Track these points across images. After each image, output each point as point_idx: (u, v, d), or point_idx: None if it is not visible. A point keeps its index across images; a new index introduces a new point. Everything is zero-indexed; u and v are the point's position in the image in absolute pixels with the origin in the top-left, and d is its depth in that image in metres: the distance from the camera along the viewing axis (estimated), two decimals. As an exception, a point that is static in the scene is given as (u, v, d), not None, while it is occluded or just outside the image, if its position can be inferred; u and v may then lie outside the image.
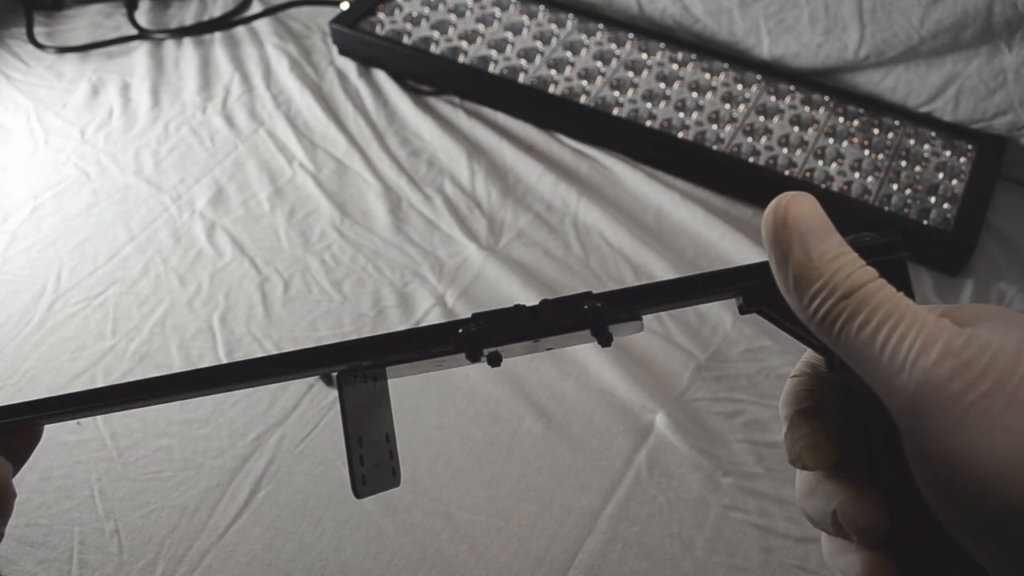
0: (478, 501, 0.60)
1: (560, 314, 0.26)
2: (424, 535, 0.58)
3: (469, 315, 0.26)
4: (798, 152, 0.81)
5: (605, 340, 0.26)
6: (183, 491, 0.61)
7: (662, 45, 0.91)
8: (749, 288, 0.26)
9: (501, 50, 0.91)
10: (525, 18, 0.94)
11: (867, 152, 0.81)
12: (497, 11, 0.95)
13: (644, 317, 0.27)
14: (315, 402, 0.65)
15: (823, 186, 0.79)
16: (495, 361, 0.27)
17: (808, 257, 0.23)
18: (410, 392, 0.66)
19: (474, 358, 0.26)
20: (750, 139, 0.82)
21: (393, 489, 0.30)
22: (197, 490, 0.61)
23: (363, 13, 0.95)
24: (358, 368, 0.28)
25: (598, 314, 0.26)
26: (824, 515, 0.25)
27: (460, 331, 0.26)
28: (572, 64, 0.89)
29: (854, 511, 0.24)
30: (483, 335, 0.26)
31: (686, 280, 0.26)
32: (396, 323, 0.72)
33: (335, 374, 0.29)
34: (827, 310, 0.22)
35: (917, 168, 0.80)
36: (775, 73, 0.88)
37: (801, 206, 0.23)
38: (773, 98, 0.86)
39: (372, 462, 0.30)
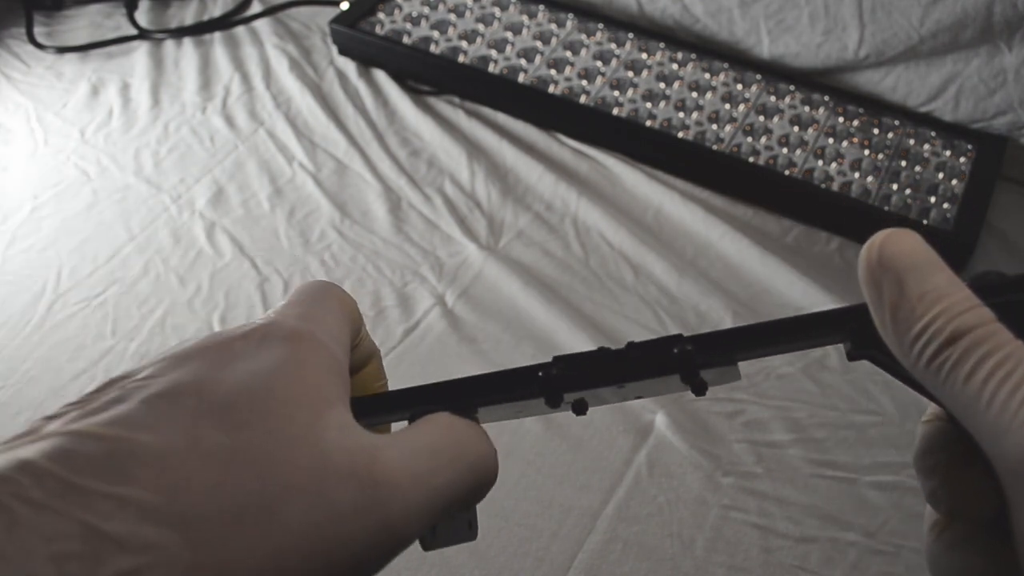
0: (478, 501, 0.60)
1: (647, 358, 0.24)
2: (424, 535, 0.58)
3: (550, 358, 0.25)
4: (798, 152, 0.81)
5: (698, 387, 0.24)
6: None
7: (662, 45, 0.91)
8: (858, 331, 0.23)
9: (501, 50, 0.91)
10: (525, 18, 0.94)
11: (867, 152, 0.81)
12: (497, 11, 0.95)
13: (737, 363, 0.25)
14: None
15: (823, 186, 0.79)
16: (580, 409, 0.25)
17: (906, 298, 0.20)
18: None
19: (554, 403, 0.25)
20: (750, 139, 0.82)
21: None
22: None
23: (363, 13, 0.95)
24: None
25: (688, 358, 0.24)
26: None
27: (540, 374, 0.25)
28: (572, 64, 0.89)
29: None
30: (564, 379, 0.24)
31: (788, 322, 0.24)
32: (396, 323, 0.72)
33: None
34: (929, 356, 0.20)
35: (917, 168, 0.80)
36: (775, 73, 0.88)
37: (899, 242, 0.21)
38: (773, 98, 0.86)
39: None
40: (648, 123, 0.84)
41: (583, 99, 0.86)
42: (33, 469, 0.17)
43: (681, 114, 0.85)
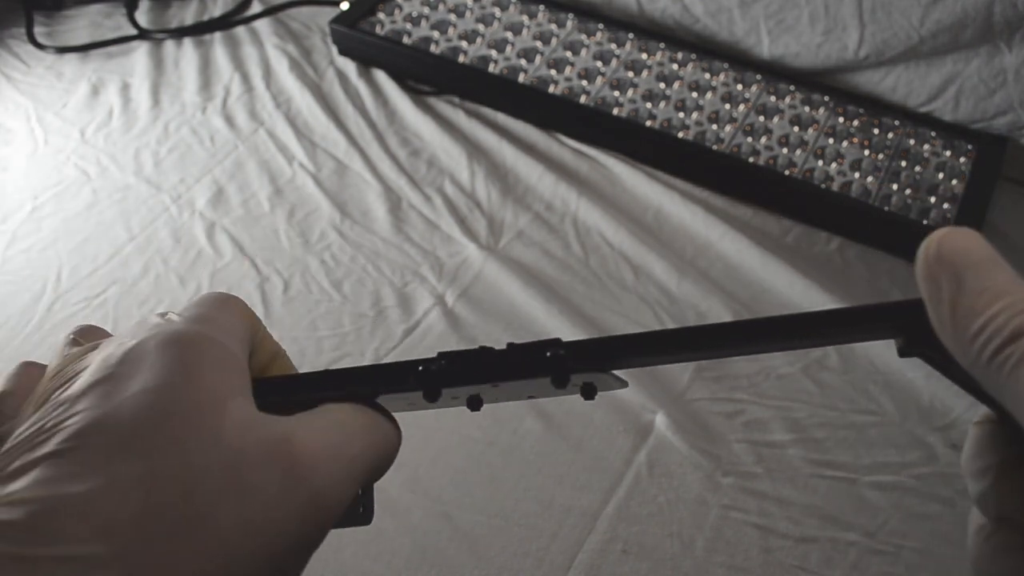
0: (478, 501, 0.60)
1: (521, 360, 0.25)
2: (424, 535, 0.58)
3: (435, 354, 0.26)
4: (798, 152, 0.81)
5: (585, 391, 0.25)
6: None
7: (662, 45, 0.91)
8: (911, 328, 0.22)
9: (501, 50, 0.91)
10: (525, 18, 0.94)
11: (867, 152, 0.81)
12: (497, 11, 0.95)
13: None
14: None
15: (823, 186, 0.79)
16: (474, 405, 0.26)
17: (966, 294, 0.20)
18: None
19: (432, 398, 0.25)
20: (750, 139, 0.82)
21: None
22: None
23: (363, 13, 0.95)
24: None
25: (560, 362, 0.25)
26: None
27: (420, 368, 0.25)
28: (572, 64, 0.89)
29: None
30: (441, 375, 0.25)
31: (830, 315, 0.23)
32: (396, 323, 0.72)
33: None
34: (991, 353, 0.19)
35: (917, 168, 0.80)
36: (775, 73, 0.88)
37: (958, 240, 0.20)
38: (773, 98, 0.86)
39: None
40: (648, 123, 0.84)
41: (583, 99, 0.86)
42: None
43: (681, 114, 0.84)
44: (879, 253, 0.77)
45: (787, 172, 0.80)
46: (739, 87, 0.87)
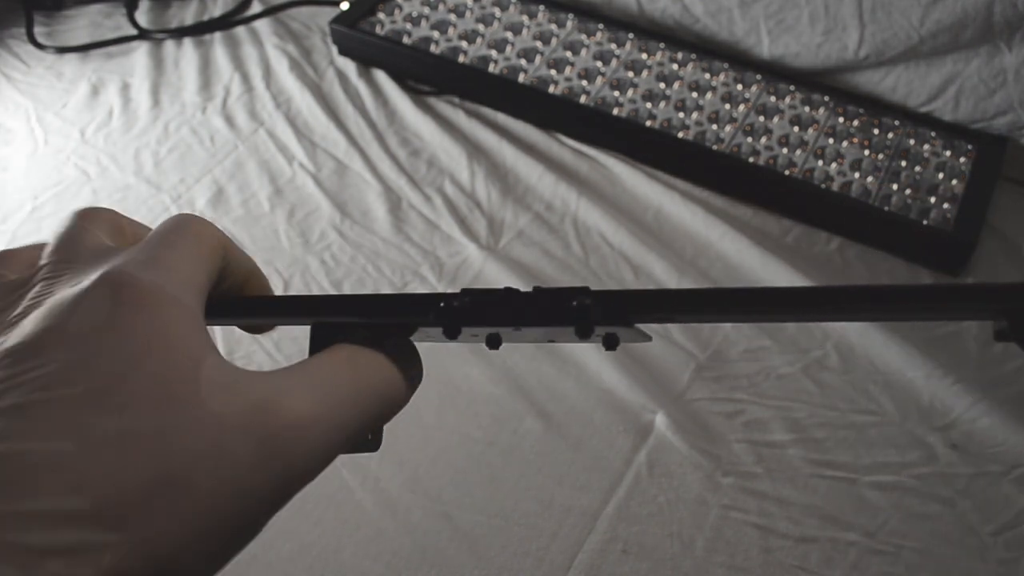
0: (478, 501, 0.60)
1: (546, 306, 0.24)
2: (424, 535, 0.58)
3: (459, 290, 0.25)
4: (798, 152, 0.81)
5: (607, 342, 0.24)
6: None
7: (662, 45, 0.91)
8: (1019, 311, 0.21)
9: (501, 50, 0.91)
10: (525, 18, 0.94)
11: (867, 152, 0.81)
12: (497, 11, 0.95)
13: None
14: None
15: (823, 186, 0.79)
16: (493, 343, 0.25)
17: None
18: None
19: (452, 335, 0.25)
20: (750, 139, 0.82)
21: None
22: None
23: (363, 13, 0.95)
24: (338, 326, 0.26)
25: (584, 312, 0.24)
26: None
27: (442, 304, 0.25)
28: (572, 64, 0.89)
29: None
30: (464, 312, 0.24)
31: (932, 289, 0.22)
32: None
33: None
34: None
35: (917, 168, 0.80)
36: (775, 73, 0.88)
37: None
38: (773, 98, 0.86)
39: None
40: (648, 123, 0.84)
41: (583, 99, 0.86)
42: None
43: (681, 114, 0.84)
44: (879, 253, 0.77)
45: (787, 172, 0.80)
46: (739, 87, 0.87)
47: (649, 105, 0.85)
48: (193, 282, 0.23)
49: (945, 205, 0.77)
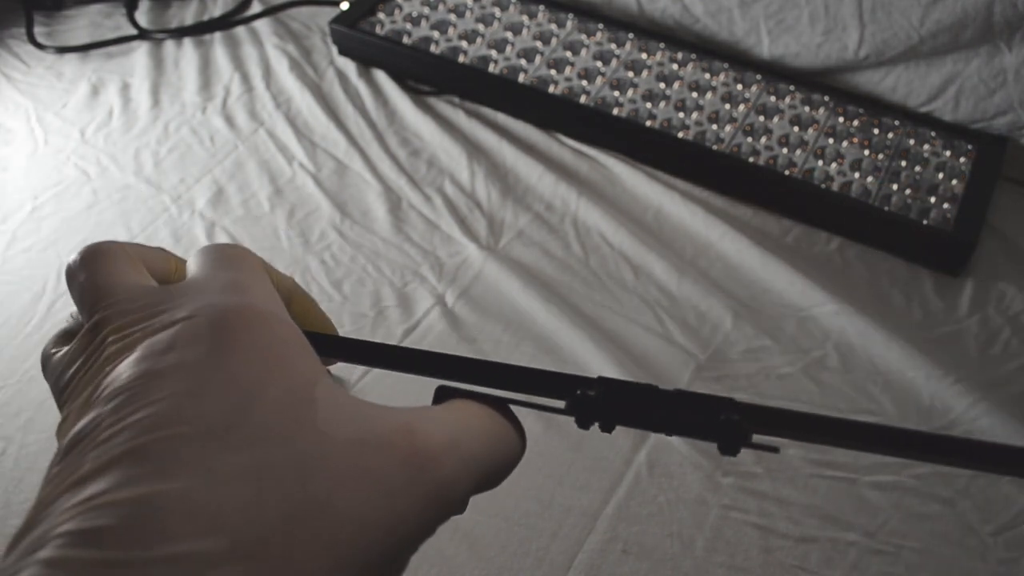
0: (478, 501, 0.60)
1: (693, 418, 0.23)
2: (424, 535, 0.58)
3: (595, 376, 0.24)
4: (798, 152, 0.81)
5: (732, 453, 0.23)
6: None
7: (662, 45, 0.91)
8: None
9: (501, 50, 0.91)
10: (525, 18, 0.94)
11: (867, 152, 0.81)
12: (497, 11, 0.95)
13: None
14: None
15: (823, 186, 0.79)
16: (609, 429, 0.24)
17: None
18: (410, 392, 0.66)
19: (584, 426, 0.24)
20: (750, 139, 0.82)
21: None
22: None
23: (363, 13, 0.95)
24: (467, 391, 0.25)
25: (734, 429, 0.22)
26: None
27: (579, 392, 0.23)
28: (572, 64, 0.89)
29: None
30: (602, 408, 0.23)
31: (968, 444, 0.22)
32: (396, 323, 0.72)
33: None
34: None
35: (917, 168, 0.80)
36: (775, 73, 0.88)
37: None
38: (773, 98, 0.86)
39: None
40: (648, 123, 0.84)
41: (583, 99, 0.86)
42: (62, 563, 0.16)
43: (681, 114, 0.84)
44: (879, 253, 0.77)
45: (787, 172, 0.80)
46: (739, 87, 0.87)
47: (649, 105, 0.85)
48: (277, 299, 0.22)
49: (945, 205, 0.77)
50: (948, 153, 0.81)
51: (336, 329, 0.28)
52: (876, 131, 0.83)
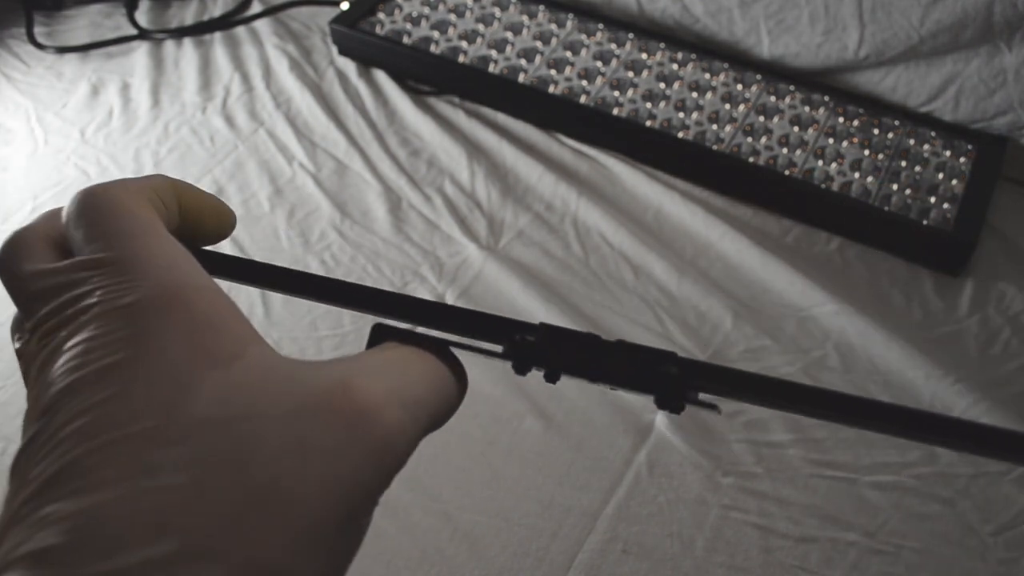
0: (478, 501, 0.60)
1: (632, 369, 0.22)
2: (424, 535, 0.58)
3: (538, 323, 0.23)
4: (798, 152, 0.81)
5: (675, 410, 0.23)
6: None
7: (662, 45, 0.91)
8: None
9: (501, 50, 0.91)
10: (525, 18, 0.94)
11: (867, 152, 0.81)
12: (497, 11, 0.95)
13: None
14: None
15: (823, 186, 0.79)
16: (553, 379, 0.24)
17: None
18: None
19: (521, 371, 0.23)
20: (750, 139, 0.82)
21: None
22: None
23: (363, 13, 0.95)
24: (402, 330, 0.25)
25: (673, 383, 0.22)
26: None
27: (517, 337, 0.23)
28: (572, 64, 0.89)
29: None
30: (540, 353, 0.23)
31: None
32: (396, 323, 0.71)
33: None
34: None
35: (917, 168, 0.80)
36: (775, 73, 0.88)
37: None
38: (773, 98, 0.86)
39: None
40: (648, 123, 0.84)
41: (583, 99, 0.86)
42: None
43: (681, 114, 0.84)
44: (879, 253, 0.77)
45: (787, 172, 0.80)
46: (739, 87, 0.87)
47: (649, 105, 0.85)
48: (178, 251, 0.21)
49: (945, 205, 0.77)
50: (948, 153, 0.81)
51: (232, 215, 0.27)
52: (876, 131, 0.83)
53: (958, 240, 0.74)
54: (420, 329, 0.25)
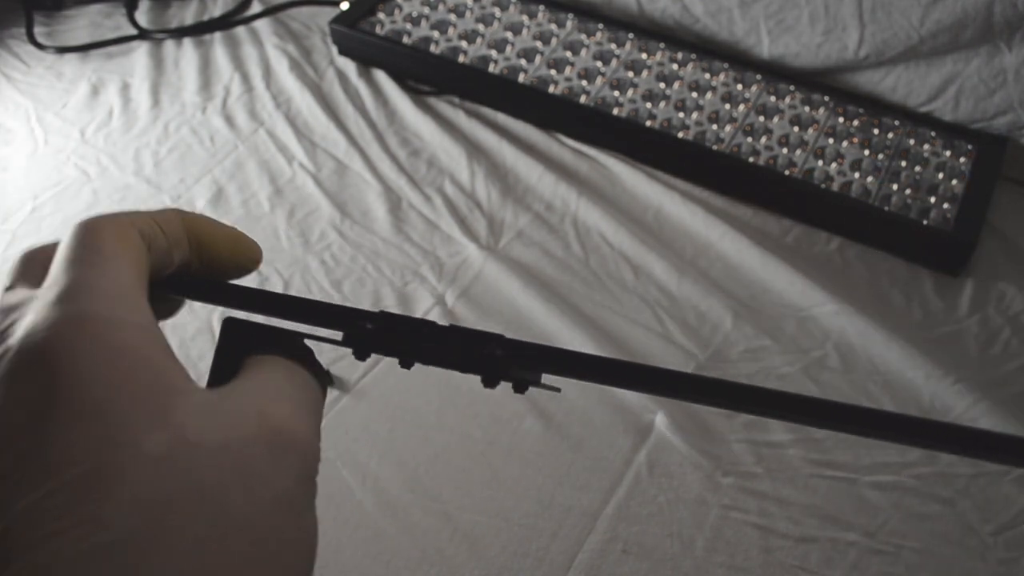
0: (478, 501, 0.60)
1: (459, 352, 0.25)
2: (424, 535, 0.58)
3: (378, 311, 0.25)
4: (798, 152, 0.81)
5: (518, 388, 0.25)
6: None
7: (662, 45, 0.91)
8: None
9: (501, 50, 0.91)
10: (525, 18, 0.94)
11: (867, 152, 0.81)
12: (497, 11, 0.95)
13: None
14: (315, 402, 0.65)
15: (823, 186, 0.79)
16: (407, 364, 0.25)
17: None
18: (410, 392, 0.66)
19: (361, 357, 0.25)
20: (750, 139, 0.82)
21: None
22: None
23: (363, 13, 0.95)
24: (251, 325, 0.25)
25: (494, 364, 0.24)
26: None
27: (356, 326, 0.25)
28: (572, 64, 0.89)
29: None
30: (377, 339, 0.24)
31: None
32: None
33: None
34: None
35: (917, 168, 0.80)
36: (775, 73, 0.88)
37: None
38: (773, 98, 0.86)
39: None
40: (648, 123, 0.84)
41: (583, 99, 0.86)
42: None
43: (681, 114, 0.84)
44: (879, 253, 0.77)
45: (787, 172, 0.80)
46: (739, 87, 0.87)
47: (649, 105, 0.85)
48: (124, 289, 0.20)
49: (945, 205, 0.77)
50: (948, 153, 0.81)
51: (250, 240, 0.27)
52: (876, 131, 0.83)
53: (958, 240, 0.74)
54: (271, 320, 0.26)
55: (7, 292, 0.21)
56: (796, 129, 0.83)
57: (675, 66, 0.89)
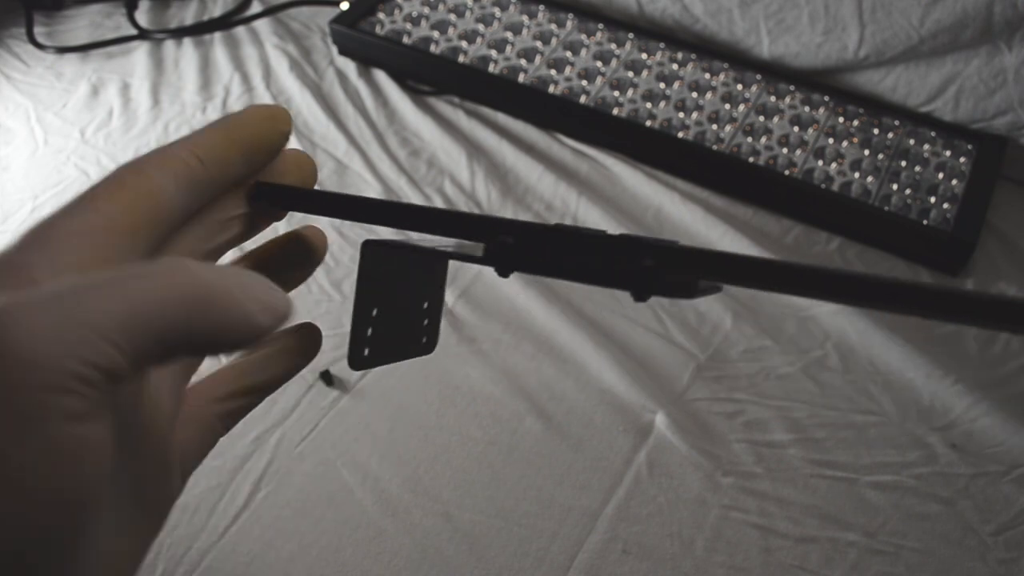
0: (478, 501, 0.60)
1: (608, 267, 0.22)
2: (424, 535, 0.58)
3: (508, 218, 0.23)
4: (798, 152, 0.81)
5: (644, 299, 0.22)
6: (183, 491, 0.61)
7: (662, 45, 0.91)
8: None
9: (501, 50, 0.91)
10: (525, 18, 0.94)
11: (867, 152, 0.81)
12: (497, 11, 0.95)
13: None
14: (314, 403, 0.65)
15: (823, 186, 0.79)
16: (504, 274, 0.24)
17: None
18: (410, 392, 0.66)
19: (504, 274, 0.23)
20: (750, 139, 0.82)
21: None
22: (197, 490, 0.61)
23: (363, 13, 0.95)
24: (384, 242, 0.25)
25: (642, 276, 0.22)
26: None
27: (499, 240, 0.23)
28: (572, 64, 0.89)
29: None
30: (519, 256, 0.23)
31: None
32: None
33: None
34: None
35: (917, 168, 0.80)
36: (775, 73, 0.88)
37: None
38: (773, 98, 0.86)
39: (388, 334, 0.28)
40: (648, 123, 0.84)
41: (583, 99, 0.86)
42: None
43: (681, 114, 0.84)
44: (879, 253, 0.77)
45: (787, 172, 0.80)
46: (739, 87, 0.87)
47: (649, 105, 0.85)
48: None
49: (945, 205, 0.77)
50: (948, 153, 0.81)
51: (313, 165, 0.28)
52: (876, 131, 0.83)
53: (958, 240, 0.74)
54: (415, 236, 0.25)
55: None
56: (796, 129, 0.83)
57: (675, 66, 0.89)
